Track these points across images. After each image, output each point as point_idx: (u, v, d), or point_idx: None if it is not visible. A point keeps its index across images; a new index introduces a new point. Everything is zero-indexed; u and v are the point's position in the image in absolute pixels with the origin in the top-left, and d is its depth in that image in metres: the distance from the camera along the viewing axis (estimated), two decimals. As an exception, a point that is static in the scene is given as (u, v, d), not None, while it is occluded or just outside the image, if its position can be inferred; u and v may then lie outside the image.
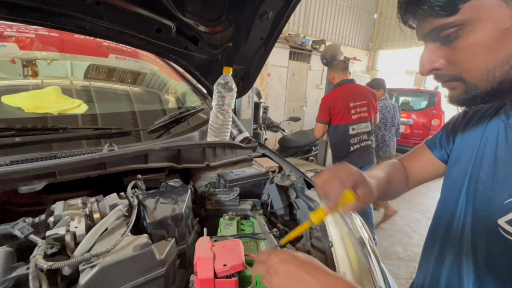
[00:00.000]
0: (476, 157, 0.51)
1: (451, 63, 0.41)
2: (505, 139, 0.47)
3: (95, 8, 0.72)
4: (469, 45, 0.38)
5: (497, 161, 0.47)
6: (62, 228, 0.58)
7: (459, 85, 0.42)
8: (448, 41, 0.40)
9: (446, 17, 0.37)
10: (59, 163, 0.68)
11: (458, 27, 0.38)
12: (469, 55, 0.38)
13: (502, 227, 0.42)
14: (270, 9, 0.89)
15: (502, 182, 0.44)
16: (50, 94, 1.15)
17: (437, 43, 0.42)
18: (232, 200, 0.87)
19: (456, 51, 0.40)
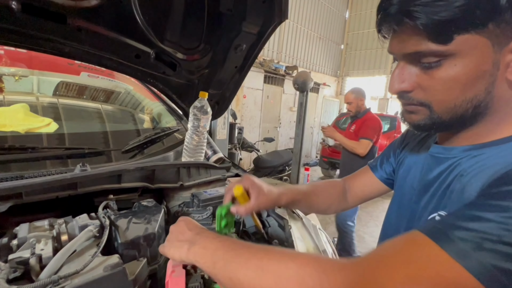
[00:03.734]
0: (410, 181, 0.56)
1: (423, 89, 0.40)
2: (428, 165, 0.51)
3: (76, 34, 0.75)
4: (448, 77, 0.38)
5: (424, 183, 0.50)
6: (26, 251, 0.56)
7: (424, 111, 0.42)
8: (428, 67, 0.39)
9: (437, 44, 0.36)
10: (26, 183, 0.66)
11: (444, 57, 0.37)
12: (444, 87, 0.38)
13: None
14: (243, 42, 0.98)
15: (427, 201, 0.48)
16: (17, 112, 1.11)
17: (415, 66, 0.40)
18: (205, 219, 0.89)
19: (433, 79, 0.39)
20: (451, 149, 0.46)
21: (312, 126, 8.43)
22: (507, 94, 0.39)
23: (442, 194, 0.45)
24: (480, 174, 0.38)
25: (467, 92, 0.38)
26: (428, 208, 0.47)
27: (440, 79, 0.38)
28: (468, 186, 0.39)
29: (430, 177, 0.49)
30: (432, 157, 0.51)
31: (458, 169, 0.43)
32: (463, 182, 0.40)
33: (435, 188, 0.47)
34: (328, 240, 0.91)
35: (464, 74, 0.37)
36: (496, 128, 0.41)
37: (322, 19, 9.35)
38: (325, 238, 0.89)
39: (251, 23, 0.93)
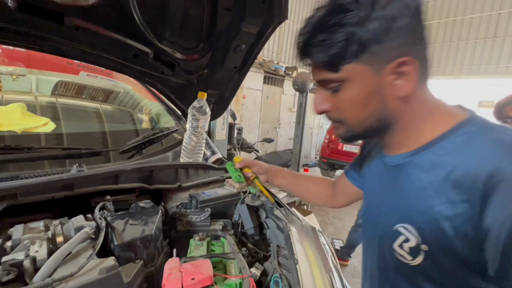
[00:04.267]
0: (374, 188, 0.59)
1: (335, 109, 0.49)
2: (385, 173, 0.54)
3: (73, 33, 0.75)
4: (348, 99, 0.46)
5: (383, 192, 0.53)
6: (20, 253, 0.56)
7: (342, 126, 0.50)
8: (334, 91, 0.47)
9: (331, 73, 0.44)
10: (21, 184, 0.65)
11: (340, 82, 0.45)
12: (348, 106, 0.47)
13: (396, 250, 0.47)
14: (243, 42, 0.97)
15: (389, 211, 0.51)
16: (14, 111, 1.10)
17: (326, 91, 0.48)
18: (203, 221, 0.88)
19: (339, 101, 0.47)
20: (395, 157, 0.51)
21: (312, 127, 8.42)
22: (405, 108, 0.45)
23: (402, 204, 0.48)
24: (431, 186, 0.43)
25: (365, 109, 0.46)
26: (391, 218, 0.49)
27: (343, 100, 0.46)
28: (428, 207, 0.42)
29: (388, 186, 0.52)
30: (386, 166, 0.54)
31: (406, 178, 0.48)
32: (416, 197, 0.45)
33: (394, 196, 0.50)
34: (327, 242, 0.90)
35: (358, 95, 0.45)
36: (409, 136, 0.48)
37: (322, 20, 9.34)
38: (324, 240, 0.88)
39: (251, 23, 0.92)
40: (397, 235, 0.47)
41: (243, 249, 0.76)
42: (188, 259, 0.67)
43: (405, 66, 0.42)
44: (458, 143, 0.42)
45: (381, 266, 0.54)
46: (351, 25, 0.40)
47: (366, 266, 0.61)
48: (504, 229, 0.34)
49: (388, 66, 0.42)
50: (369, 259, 0.59)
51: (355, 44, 0.41)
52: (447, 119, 0.45)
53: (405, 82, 0.43)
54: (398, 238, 0.47)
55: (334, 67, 0.43)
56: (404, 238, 0.45)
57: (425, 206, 0.43)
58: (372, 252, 0.57)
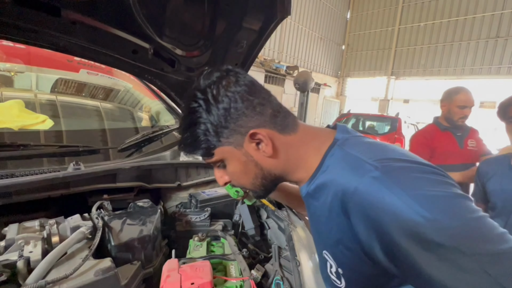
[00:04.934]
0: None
1: (232, 179, 0.56)
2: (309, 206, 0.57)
3: (70, 27, 0.73)
4: (232, 171, 0.54)
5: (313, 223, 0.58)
6: (14, 254, 0.54)
7: (248, 189, 0.58)
8: (222, 167, 0.55)
9: (209, 158, 0.53)
10: (16, 182, 0.64)
11: (220, 162, 0.53)
12: (236, 176, 0.55)
13: (329, 276, 0.51)
14: (244, 38, 0.95)
15: (316, 239, 0.57)
16: (12, 108, 1.08)
17: (219, 169, 0.56)
18: (203, 221, 0.87)
19: (229, 173, 0.55)
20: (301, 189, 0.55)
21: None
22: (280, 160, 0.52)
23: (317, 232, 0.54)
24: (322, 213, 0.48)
25: (248, 175, 0.53)
26: (319, 246, 0.55)
27: (231, 173, 0.54)
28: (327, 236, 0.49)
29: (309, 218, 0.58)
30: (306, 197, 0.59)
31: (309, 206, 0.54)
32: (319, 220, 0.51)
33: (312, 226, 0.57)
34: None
35: (236, 167, 0.53)
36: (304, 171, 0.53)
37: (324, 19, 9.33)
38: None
39: (253, 19, 0.90)
40: (325, 261, 0.51)
41: (244, 250, 0.75)
42: (187, 260, 0.65)
43: (257, 135, 0.49)
44: (327, 167, 0.48)
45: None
46: (202, 122, 0.49)
47: None
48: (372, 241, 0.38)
49: (244, 140, 0.50)
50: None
51: (212, 135, 0.49)
52: (319, 147, 0.51)
53: (265, 145, 0.50)
54: (327, 264, 0.51)
55: (208, 154, 0.52)
56: (330, 264, 0.50)
57: (327, 233, 0.48)
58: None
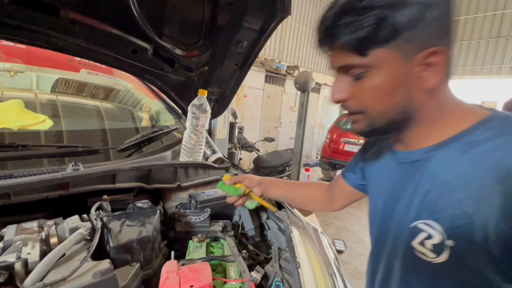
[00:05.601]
0: (384, 187, 0.56)
1: (357, 98, 0.46)
2: (397, 170, 0.52)
3: (69, 27, 0.72)
4: (372, 87, 0.43)
5: (397, 189, 0.51)
6: (12, 255, 0.53)
7: (362, 118, 0.47)
8: (357, 78, 0.44)
9: (357, 57, 0.42)
10: (14, 183, 0.63)
11: (366, 68, 0.42)
12: (371, 95, 0.44)
13: (415, 248, 0.45)
14: (244, 38, 0.95)
15: (405, 208, 0.48)
16: (11, 108, 1.08)
17: (348, 76, 0.46)
18: (203, 222, 0.86)
19: (362, 89, 0.44)
20: (412, 152, 0.49)
21: (313, 126, 8.39)
22: (429, 101, 0.44)
23: (422, 200, 0.45)
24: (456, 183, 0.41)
25: (390, 99, 0.44)
26: (409, 215, 0.47)
27: (367, 88, 0.44)
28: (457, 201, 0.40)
29: (402, 183, 0.50)
30: (399, 163, 0.52)
31: (425, 172, 0.46)
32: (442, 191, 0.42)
33: (411, 193, 0.48)
34: (330, 245, 0.87)
35: (384, 83, 0.43)
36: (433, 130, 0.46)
37: (324, 19, 9.30)
38: (326, 242, 0.85)
39: (253, 18, 0.89)
40: (417, 232, 0.45)
41: (243, 252, 0.74)
42: (186, 262, 0.64)
43: (435, 57, 0.40)
44: (487, 136, 0.40)
45: (395, 266, 0.51)
46: (384, 8, 0.38)
47: (375, 267, 0.58)
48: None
49: (418, 55, 0.40)
50: (380, 260, 0.56)
51: (387, 28, 0.38)
52: (468, 116, 0.44)
53: (432, 74, 0.41)
54: (418, 235, 0.44)
55: (362, 51, 0.41)
56: (426, 235, 0.43)
57: (451, 201, 0.41)
58: (384, 253, 0.54)
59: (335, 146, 5.59)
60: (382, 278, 0.56)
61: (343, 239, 3.19)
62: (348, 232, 3.47)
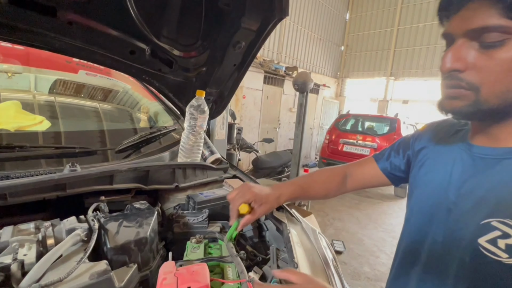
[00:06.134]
0: (448, 180, 0.52)
1: (478, 70, 0.40)
2: (471, 164, 0.49)
3: (67, 28, 0.72)
4: (508, 59, 0.37)
5: (467, 185, 0.48)
6: (8, 257, 0.53)
7: (470, 96, 0.41)
8: (490, 46, 0.38)
9: (504, 19, 0.36)
10: (11, 184, 0.63)
11: (509, 35, 0.36)
12: (501, 69, 0.38)
13: (483, 245, 0.43)
14: (242, 39, 0.95)
15: (475, 204, 0.46)
16: (9, 109, 1.08)
17: (475, 43, 0.39)
18: (201, 223, 0.86)
19: (491, 59, 0.38)
20: (496, 149, 0.45)
21: (312, 127, 8.40)
22: None
23: (499, 199, 0.43)
24: None
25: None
26: (479, 211, 0.45)
27: (499, 59, 0.37)
28: None
29: (475, 178, 0.47)
30: (476, 157, 0.48)
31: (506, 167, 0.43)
32: None
33: (485, 190, 0.45)
34: (328, 245, 0.87)
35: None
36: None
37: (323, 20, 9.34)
38: (324, 243, 0.85)
39: (251, 19, 0.90)
40: (488, 229, 0.43)
41: (241, 252, 0.74)
42: (184, 263, 0.64)
43: None
44: None
45: (445, 258, 0.49)
46: None
47: (412, 256, 0.57)
48: None
49: None
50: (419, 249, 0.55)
51: None
52: None
53: None
54: (488, 233, 0.42)
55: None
56: (499, 233, 0.41)
57: None
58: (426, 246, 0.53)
59: (334, 147, 5.61)
60: (424, 269, 0.53)
61: (342, 240, 3.19)
62: (347, 233, 3.47)
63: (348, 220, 3.88)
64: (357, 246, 3.16)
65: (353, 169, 0.77)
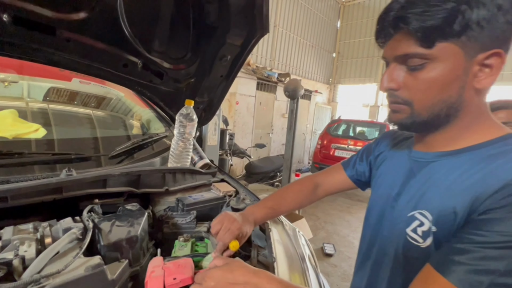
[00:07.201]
0: (393, 180, 0.61)
1: (408, 88, 0.48)
2: (409, 166, 0.58)
3: (65, 44, 0.79)
4: (428, 79, 0.45)
5: (404, 185, 0.57)
6: (10, 253, 0.58)
7: (406, 110, 0.49)
8: (414, 69, 0.46)
9: (421, 48, 0.43)
10: (12, 187, 0.68)
11: (427, 60, 0.44)
12: (425, 87, 0.46)
13: (409, 234, 0.52)
14: (228, 53, 1.03)
15: (408, 200, 0.54)
16: (6, 117, 1.13)
17: (403, 67, 0.47)
18: (189, 223, 0.92)
19: (416, 80, 0.46)
20: (427, 154, 0.54)
21: (305, 132, 8.52)
22: (475, 100, 0.47)
23: (422, 194, 0.51)
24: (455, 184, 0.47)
25: (443, 92, 0.45)
26: (409, 206, 0.53)
27: (422, 79, 0.46)
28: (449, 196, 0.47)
29: (410, 179, 0.56)
30: (413, 161, 0.57)
31: (433, 173, 0.51)
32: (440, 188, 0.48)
33: (415, 188, 0.53)
34: (307, 243, 0.94)
35: (441, 76, 0.44)
36: (463, 134, 0.49)
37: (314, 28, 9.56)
38: (303, 240, 0.92)
39: (235, 35, 0.98)
40: (412, 220, 0.51)
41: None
42: (172, 259, 0.70)
43: (494, 59, 0.42)
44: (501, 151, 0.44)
45: (389, 251, 0.57)
46: (461, 3, 0.39)
47: (371, 252, 0.64)
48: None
49: (480, 55, 0.42)
50: (374, 246, 0.63)
51: (460, 23, 0.40)
52: (495, 128, 0.48)
53: (487, 75, 0.44)
54: (412, 223, 0.51)
55: (429, 41, 0.42)
56: (418, 222, 0.50)
57: (444, 199, 0.46)
58: (379, 239, 0.61)
59: (325, 152, 5.71)
60: (374, 262, 0.62)
61: (333, 243, 3.26)
62: (338, 236, 3.54)
63: (339, 223, 3.95)
64: (348, 249, 3.23)
65: (323, 178, 0.85)
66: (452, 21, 0.40)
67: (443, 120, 0.49)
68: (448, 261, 0.41)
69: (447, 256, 0.42)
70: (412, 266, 0.51)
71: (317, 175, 0.87)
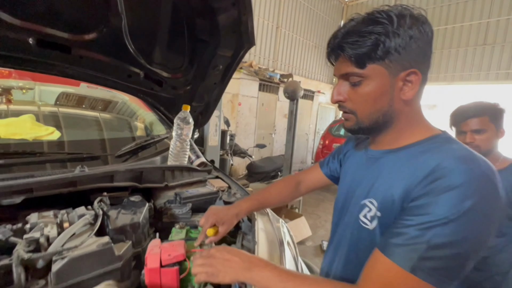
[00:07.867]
0: (352, 175, 0.72)
1: (351, 100, 0.59)
2: (365, 163, 0.68)
3: (78, 60, 0.93)
4: (364, 93, 0.56)
5: (361, 177, 0.67)
6: (37, 233, 0.72)
7: (353, 118, 0.60)
8: (354, 84, 0.57)
9: (356, 68, 0.55)
10: (36, 180, 0.83)
11: (362, 78, 0.55)
12: (362, 99, 0.57)
13: (361, 219, 0.61)
14: (220, 63, 1.16)
15: (361, 191, 0.64)
16: (25, 121, 1.28)
17: (347, 83, 0.59)
18: (185, 214, 1.05)
19: (356, 94, 0.57)
20: (377, 152, 0.65)
21: (308, 132, 8.59)
22: (404, 109, 0.58)
23: (371, 185, 0.61)
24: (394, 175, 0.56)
25: (376, 103, 0.57)
26: (362, 195, 0.63)
27: (360, 93, 0.57)
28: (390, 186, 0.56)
29: (365, 173, 0.66)
30: (367, 158, 0.68)
31: (380, 167, 0.62)
32: (384, 180, 0.58)
33: (367, 180, 0.64)
34: (289, 232, 1.06)
35: (373, 91, 0.56)
36: (399, 136, 0.61)
37: (317, 28, 9.62)
38: (285, 229, 1.05)
39: (225, 48, 1.11)
40: (363, 207, 0.61)
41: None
42: (167, 241, 0.83)
43: (413, 76, 0.54)
44: (427, 148, 0.55)
45: (347, 234, 0.68)
46: (381, 35, 0.51)
47: (334, 236, 0.75)
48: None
49: (401, 73, 0.54)
50: (336, 231, 0.75)
51: (381, 50, 0.51)
52: (426, 130, 0.59)
53: (409, 89, 0.55)
54: (363, 210, 0.61)
55: (361, 63, 0.54)
56: (368, 209, 0.59)
57: (386, 189, 0.56)
58: (341, 224, 0.72)
59: (327, 152, 5.78)
60: (336, 244, 0.74)
61: (331, 240, 3.34)
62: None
63: (338, 221, 4.04)
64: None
65: (304, 176, 0.98)
66: (376, 48, 0.52)
67: (382, 125, 0.60)
68: (388, 244, 0.49)
69: (388, 240, 0.50)
70: (362, 246, 0.61)
71: (300, 173, 1.00)
